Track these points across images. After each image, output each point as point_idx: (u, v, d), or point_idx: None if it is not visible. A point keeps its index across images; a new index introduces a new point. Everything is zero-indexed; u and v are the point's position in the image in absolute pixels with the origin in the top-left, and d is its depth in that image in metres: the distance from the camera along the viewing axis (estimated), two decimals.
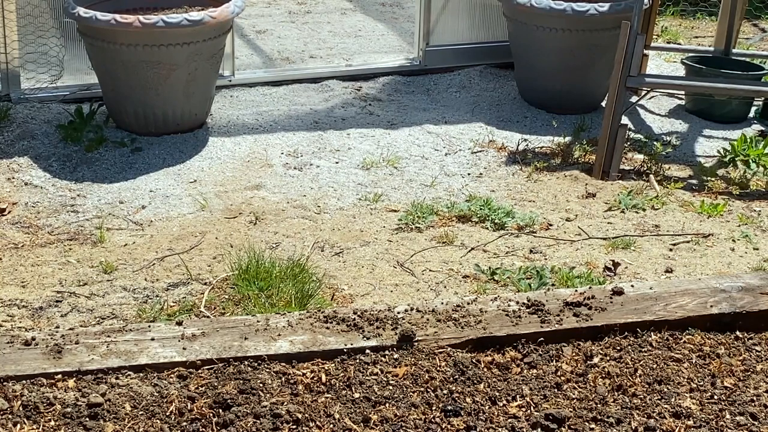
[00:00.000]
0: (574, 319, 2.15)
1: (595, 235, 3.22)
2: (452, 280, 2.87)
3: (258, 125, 4.02)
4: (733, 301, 2.25)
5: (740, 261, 3.08)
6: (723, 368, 2.05)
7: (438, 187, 3.56)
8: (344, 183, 3.54)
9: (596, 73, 4.31)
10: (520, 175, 3.72)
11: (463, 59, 4.80)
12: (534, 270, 2.88)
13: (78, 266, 2.84)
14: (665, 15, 6.46)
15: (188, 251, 2.96)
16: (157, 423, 1.79)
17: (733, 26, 4.61)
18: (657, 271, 2.98)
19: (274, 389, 1.89)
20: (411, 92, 4.53)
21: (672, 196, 3.57)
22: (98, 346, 1.97)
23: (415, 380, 1.95)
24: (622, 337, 2.14)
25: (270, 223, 3.19)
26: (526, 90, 4.50)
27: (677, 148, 4.06)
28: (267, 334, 2.04)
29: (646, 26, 4.50)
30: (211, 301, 2.64)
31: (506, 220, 3.25)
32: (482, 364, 2.02)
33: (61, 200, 3.27)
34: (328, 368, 1.97)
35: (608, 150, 3.70)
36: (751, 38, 6.09)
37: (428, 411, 1.86)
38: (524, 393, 1.93)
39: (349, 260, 2.96)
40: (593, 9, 4.10)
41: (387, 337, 2.06)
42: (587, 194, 3.56)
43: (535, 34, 4.26)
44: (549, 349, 2.08)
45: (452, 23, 4.76)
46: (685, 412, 1.89)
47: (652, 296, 2.26)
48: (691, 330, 2.18)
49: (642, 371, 2.02)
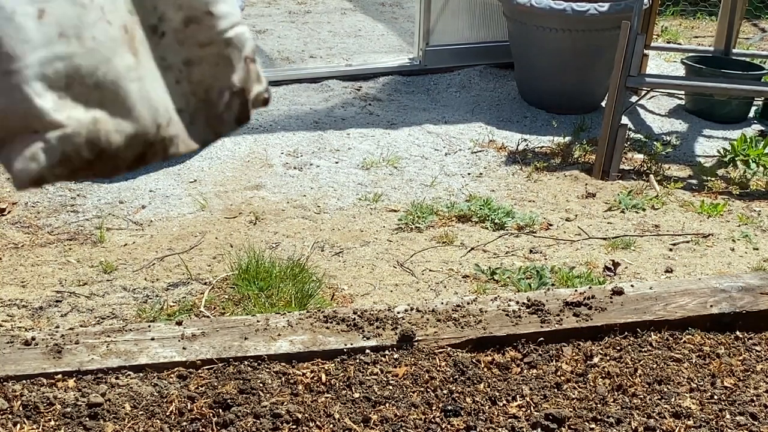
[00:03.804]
0: (574, 319, 2.15)
1: (595, 235, 3.22)
2: (452, 280, 2.86)
3: (258, 125, 4.02)
4: (733, 301, 2.25)
5: (740, 261, 3.08)
6: (723, 368, 2.05)
7: (438, 187, 3.56)
8: (344, 183, 3.54)
9: (596, 73, 4.31)
10: (520, 175, 3.72)
11: (463, 59, 4.81)
12: (534, 270, 2.87)
13: (78, 266, 2.84)
14: (665, 15, 6.46)
15: (188, 251, 2.96)
16: (157, 423, 1.79)
17: (733, 26, 4.62)
18: (657, 271, 2.98)
19: (274, 389, 1.89)
20: (411, 92, 4.53)
21: (672, 196, 3.57)
22: (98, 346, 1.97)
23: (415, 380, 1.95)
24: (622, 337, 2.14)
25: (270, 223, 3.19)
26: (526, 90, 4.50)
27: (677, 148, 4.06)
28: (267, 334, 2.04)
29: (646, 26, 4.51)
30: (211, 301, 2.64)
31: (506, 220, 3.25)
32: (482, 364, 2.02)
33: (61, 200, 3.27)
34: (328, 368, 1.97)
35: (608, 150, 3.70)
36: (751, 38, 6.09)
37: (428, 411, 1.86)
38: (524, 393, 1.93)
39: (349, 260, 2.96)
40: (593, 9, 4.10)
41: (387, 337, 2.05)
42: (587, 194, 3.56)
43: (535, 34, 4.26)
44: (549, 349, 2.08)
45: (452, 23, 4.77)
46: (685, 412, 1.89)
47: (652, 296, 2.26)
48: (691, 330, 2.18)
49: (642, 371, 2.02)
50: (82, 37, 0.72)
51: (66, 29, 0.71)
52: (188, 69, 0.84)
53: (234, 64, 0.86)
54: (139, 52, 0.78)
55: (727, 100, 4.35)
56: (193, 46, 0.84)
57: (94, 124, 0.73)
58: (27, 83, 0.69)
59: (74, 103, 0.72)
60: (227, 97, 0.87)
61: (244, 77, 0.87)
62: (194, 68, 0.84)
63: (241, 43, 0.86)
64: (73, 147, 0.72)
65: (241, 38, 0.86)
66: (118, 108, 0.75)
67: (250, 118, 0.90)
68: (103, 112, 0.74)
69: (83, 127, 0.72)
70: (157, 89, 0.80)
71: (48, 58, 0.70)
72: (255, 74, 0.89)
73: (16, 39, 0.68)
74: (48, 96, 0.70)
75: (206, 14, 0.83)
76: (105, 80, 0.74)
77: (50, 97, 0.70)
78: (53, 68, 0.70)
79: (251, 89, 0.88)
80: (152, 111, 0.78)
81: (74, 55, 0.71)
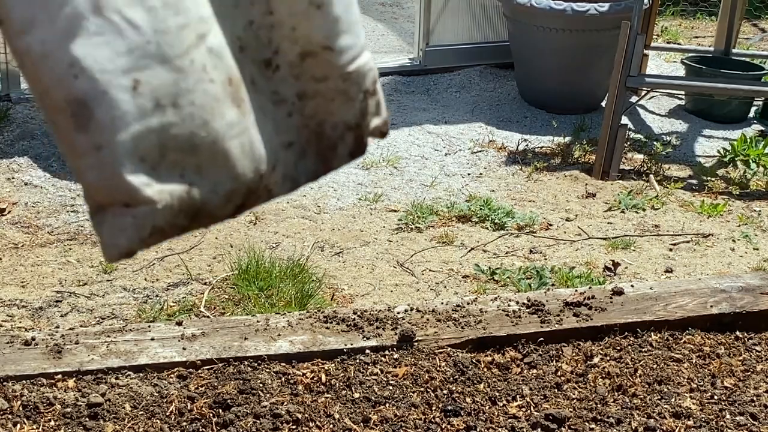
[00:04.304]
0: (574, 319, 2.15)
1: (595, 235, 3.22)
2: (452, 280, 2.86)
3: None
4: (733, 301, 2.25)
5: (740, 261, 3.08)
6: (723, 368, 2.05)
7: (438, 187, 3.56)
8: (344, 183, 3.54)
9: (596, 73, 4.31)
10: (520, 175, 3.72)
11: (463, 59, 4.81)
12: (534, 270, 2.87)
13: (78, 266, 2.84)
14: (665, 15, 6.46)
15: (188, 251, 2.96)
16: (157, 423, 1.78)
17: (733, 26, 4.62)
18: (657, 271, 2.97)
19: (274, 389, 1.89)
20: (411, 92, 4.53)
21: (672, 196, 3.57)
22: (98, 346, 1.97)
23: (415, 380, 1.95)
24: (622, 337, 2.14)
25: (270, 223, 3.19)
26: (526, 90, 4.50)
27: (677, 148, 4.06)
28: (267, 334, 2.04)
29: (646, 26, 4.50)
30: (211, 301, 2.64)
31: (506, 220, 3.25)
32: (482, 364, 2.02)
33: (61, 200, 3.27)
34: (328, 368, 1.97)
35: (608, 150, 3.70)
36: (751, 38, 6.09)
37: (428, 411, 1.86)
38: (524, 393, 1.93)
39: (349, 260, 2.96)
40: (593, 9, 4.10)
41: (387, 337, 2.05)
42: (587, 194, 3.56)
43: (535, 34, 4.26)
44: (549, 349, 2.08)
45: (452, 23, 4.76)
46: (685, 412, 1.89)
47: (652, 296, 2.26)
48: (691, 330, 2.18)
49: (642, 371, 2.02)
50: (180, 105, 0.67)
51: (162, 98, 0.66)
52: (302, 102, 0.78)
53: (351, 99, 0.80)
54: (244, 102, 0.72)
55: (727, 100, 4.35)
56: (309, 81, 0.78)
57: (188, 193, 0.69)
58: (118, 159, 0.65)
59: (168, 174, 0.67)
60: (341, 130, 0.81)
61: (361, 112, 0.81)
62: (308, 102, 0.79)
63: (360, 77, 0.80)
64: (165, 219, 0.68)
65: (361, 71, 0.80)
66: (218, 169, 0.70)
67: (365, 152, 0.84)
68: (200, 177, 0.69)
69: (176, 199, 0.68)
70: (263, 133, 0.74)
71: (141, 132, 0.65)
72: (374, 107, 0.82)
73: (109, 113, 0.64)
74: (139, 171, 0.66)
75: (324, 49, 0.77)
76: (203, 143, 0.69)
77: (141, 172, 0.66)
78: (146, 141, 0.66)
79: (368, 123, 0.82)
80: (255, 161, 0.73)
81: (170, 125, 0.67)
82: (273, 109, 0.77)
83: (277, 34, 0.76)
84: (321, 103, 0.79)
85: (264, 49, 0.76)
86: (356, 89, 0.80)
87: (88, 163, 0.65)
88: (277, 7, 0.75)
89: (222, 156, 0.70)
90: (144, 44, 0.64)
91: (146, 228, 0.67)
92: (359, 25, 0.80)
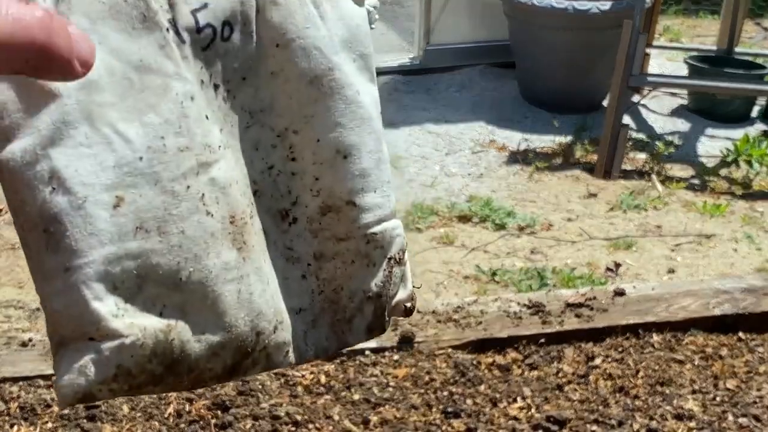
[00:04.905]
0: (575, 320, 2.14)
1: (597, 235, 3.21)
2: (452, 280, 2.85)
3: None
4: (735, 302, 2.24)
5: (743, 262, 3.06)
6: (726, 370, 2.04)
7: (438, 187, 3.55)
8: None
9: (598, 72, 4.30)
10: (521, 175, 3.70)
11: (463, 59, 4.79)
12: (535, 271, 2.86)
13: None
14: (667, 14, 6.45)
15: None
16: (155, 424, 1.77)
17: (736, 25, 4.60)
18: (659, 272, 2.96)
19: (273, 391, 1.88)
20: (411, 92, 4.52)
21: (674, 196, 3.56)
22: None
23: (416, 382, 1.93)
24: (623, 339, 2.12)
25: None
26: (527, 89, 4.49)
27: (679, 148, 4.05)
28: None
29: (648, 25, 4.49)
30: None
31: (507, 221, 3.24)
32: (483, 366, 2.00)
33: None
34: (327, 369, 1.96)
35: (610, 150, 3.69)
36: (754, 37, 6.08)
37: (428, 412, 1.85)
38: (525, 394, 1.92)
39: None
40: (595, 8, 4.09)
41: (387, 338, 2.04)
42: (589, 194, 3.55)
43: (536, 33, 4.25)
44: (550, 351, 2.07)
45: (453, 22, 4.75)
46: (688, 413, 1.88)
47: (654, 297, 2.25)
48: (693, 331, 2.17)
49: (644, 373, 2.00)
50: (166, 232, 0.60)
51: (146, 221, 0.59)
52: (318, 263, 0.71)
53: (373, 265, 0.72)
54: (247, 247, 0.65)
55: (730, 100, 4.34)
56: (328, 239, 0.71)
57: (165, 333, 0.61)
58: (85, 283, 0.57)
59: (144, 308, 0.60)
60: (359, 300, 0.73)
61: (383, 281, 0.73)
62: (325, 263, 0.71)
63: (386, 242, 0.72)
64: (135, 360, 0.60)
65: (387, 236, 0.72)
66: (204, 314, 0.63)
67: (386, 329, 0.76)
68: (183, 318, 0.62)
69: (149, 337, 0.60)
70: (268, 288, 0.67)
71: (116, 255, 0.58)
72: (398, 278, 0.74)
73: (83, 231, 0.57)
74: (109, 299, 0.58)
75: (348, 204, 0.70)
76: (189, 281, 0.62)
77: (111, 300, 0.59)
78: (121, 267, 0.59)
79: (391, 294, 0.74)
80: (252, 315, 0.66)
81: (152, 252, 0.60)
82: (284, 266, 0.70)
83: (297, 183, 0.69)
84: (339, 266, 0.71)
85: (282, 199, 0.69)
86: (380, 254, 0.72)
87: (54, 288, 0.58)
88: (300, 152, 0.69)
89: (212, 299, 0.63)
90: (134, 160, 0.58)
91: (110, 367, 0.59)
92: (390, 186, 0.73)
